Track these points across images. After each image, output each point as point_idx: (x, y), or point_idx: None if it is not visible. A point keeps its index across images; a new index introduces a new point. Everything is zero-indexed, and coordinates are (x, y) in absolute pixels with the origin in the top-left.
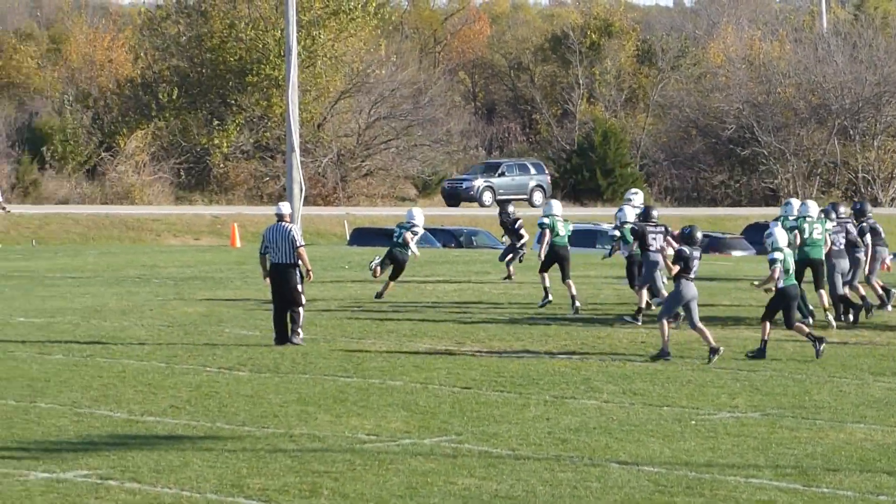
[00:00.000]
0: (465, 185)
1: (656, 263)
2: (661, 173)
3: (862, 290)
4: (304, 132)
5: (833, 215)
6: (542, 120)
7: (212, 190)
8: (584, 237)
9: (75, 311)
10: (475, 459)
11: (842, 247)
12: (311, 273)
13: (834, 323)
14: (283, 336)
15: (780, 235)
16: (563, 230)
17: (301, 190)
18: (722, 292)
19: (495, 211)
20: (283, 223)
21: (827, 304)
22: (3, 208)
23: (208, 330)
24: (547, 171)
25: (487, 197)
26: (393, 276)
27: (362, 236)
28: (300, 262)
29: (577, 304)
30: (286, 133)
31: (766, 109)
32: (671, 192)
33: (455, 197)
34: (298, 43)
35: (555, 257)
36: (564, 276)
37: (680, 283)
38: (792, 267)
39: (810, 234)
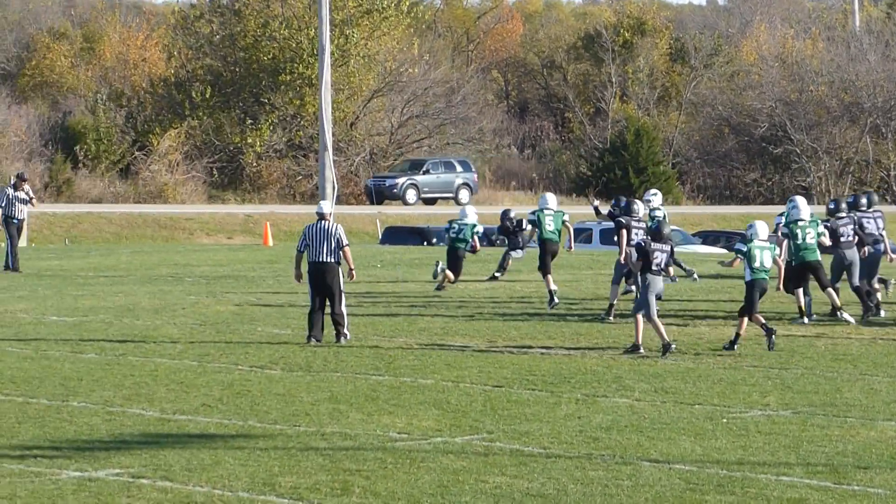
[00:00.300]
0: (388, 182)
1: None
2: (694, 171)
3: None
4: (336, 131)
5: (843, 206)
6: (575, 118)
7: (244, 189)
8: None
9: (108, 310)
10: (506, 458)
11: (850, 238)
12: (353, 273)
13: (851, 320)
14: (316, 334)
15: (761, 229)
16: (553, 224)
17: (334, 189)
18: None
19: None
20: (326, 221)
21: (839, 303)
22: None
23: (240, 328)
24: (474, 169)
25: (411, 195)
26: (453, 271)
27: (394, 235)
28: (342, 261)
29: (556, 299)
30: (319, 132)
31: (798, 108)
32: (703, 190)
33: (379, 195)
34: (331, 42)
35: (543, 252)
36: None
37: (646, 277)
38: (766, 262)
39: (803, 238)
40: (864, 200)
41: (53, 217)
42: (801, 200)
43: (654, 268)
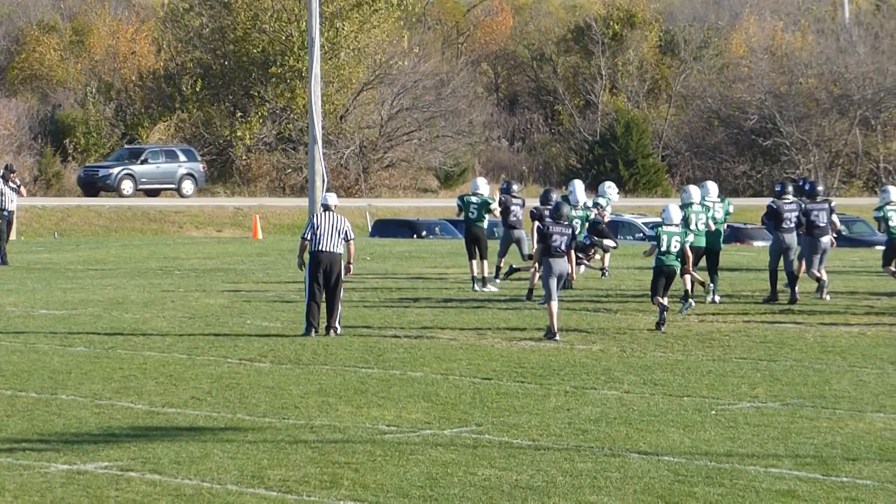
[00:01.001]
0: (101, 172)
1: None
2: (683, 164)
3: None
4: (326, 124)
5: (790, 189)
6: (565, 111)
7: (234, 182)
8: (608, 228)
9: (97, 303)
10: (495, 450)
11: (792, 224)
12: (352, 267)
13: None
14: (317, 325)
15: (674, 213)
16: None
17: (323, 182)
18: (743, 282)
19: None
20: (334, 213)
21: (688, 287)
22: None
23: (230, 321)
24: (200, 159)
25: (127, 186)
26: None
27: (384, 228)
28: (344, 253)
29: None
30: (309, 125)
31: (788, 100)
32: (693, 182)
33: (91, 185)
34: (321, 35)
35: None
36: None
37: (547, 261)
38: (673, 247)
39: (696, 223)
40: (820, 189)
41: (43, 210)
42: (692, 188)
43: (552, 251)
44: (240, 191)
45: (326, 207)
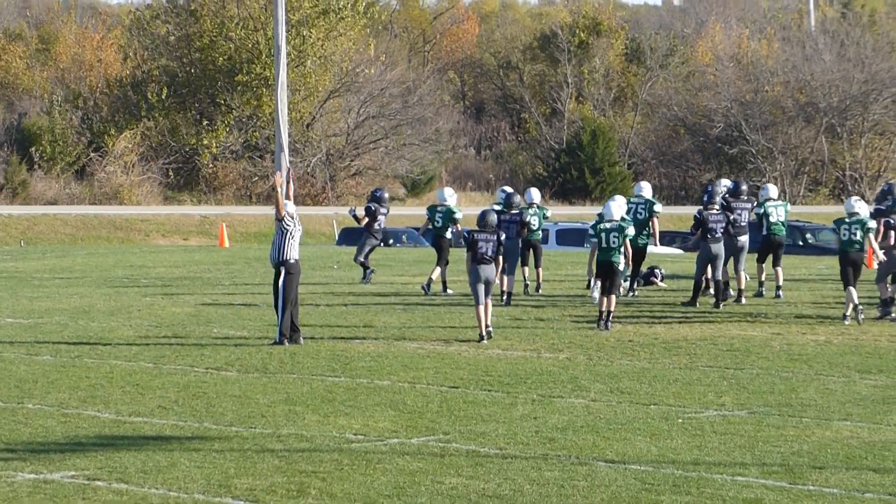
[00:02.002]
0: None
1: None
2: (650, 172)
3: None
4: (293, 132)
5: (717, 199)
6: (531, 119)
7: (200, 190)
8: (572, 236)
9: (63, 312)
10: (463, 458)
11: (719, 234)
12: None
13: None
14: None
15: (614, 209)
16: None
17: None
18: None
19: None
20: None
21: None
22: None
23: (196, 330)
24: None
25: None
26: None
27: (351, 236)
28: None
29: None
30: (275, 133)
31: (753, 108)
32: (659, 190)
33: None
34: (288, 42)
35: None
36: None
37: (474, 267)
38: (612, 242)
39: (776, 217)
40: (743, 188)
41: (9, 219)
42: (771, 186)
43: (479, 257)
44: (206, 199)
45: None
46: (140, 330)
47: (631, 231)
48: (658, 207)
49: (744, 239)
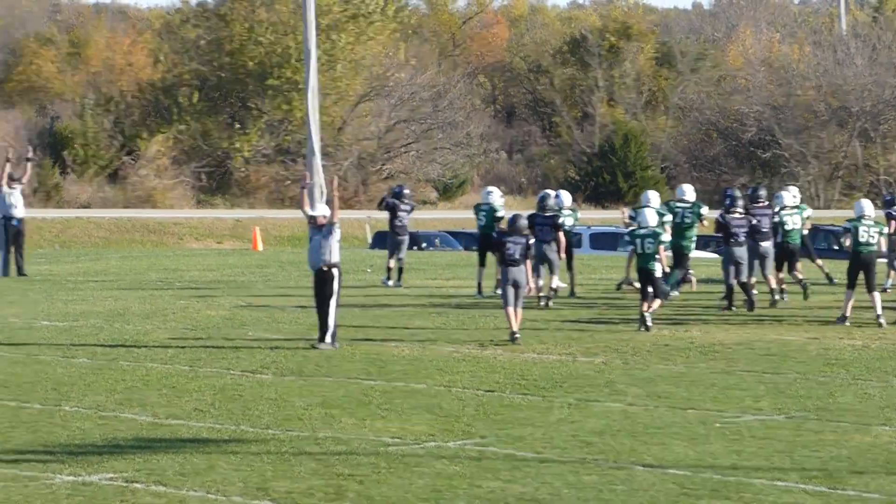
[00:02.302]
0: None
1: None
2: (682, 176)
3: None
4: (324, 136)
5: (739, 203)
6: (563, 123)
7: (233, 193)
8: (606, 240)
9: (99, 315)
10: (500, 462)
11: (742, 238)
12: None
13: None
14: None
15: (650, 217)
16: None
17: (322, 193)
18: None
19: None
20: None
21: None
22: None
23: (231, 333)
24: None
25: None
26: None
27: (384, 239)
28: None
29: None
30: (307, 136)
31: (786, 112)
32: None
33: None
34: (318, 47)
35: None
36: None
37: (503, 269)
38: (646, 248)
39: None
40: (761, 193)
41: (43, 222)
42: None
43: (507, 259)
44: (239, 202)
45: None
46: (175, 333)
47: (666, 237)
48: (705, 210)
49: (766, 245)
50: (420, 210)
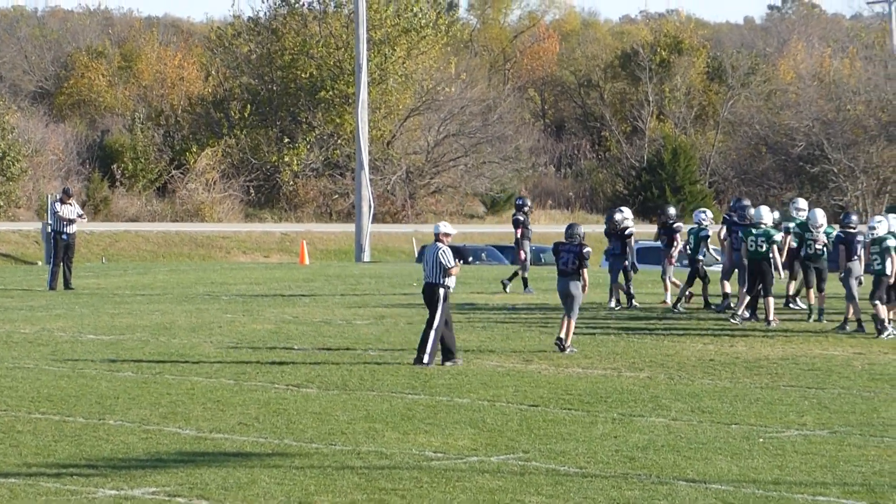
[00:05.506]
0: None
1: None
2: (731, 190)
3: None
4: (373, 150)
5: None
6: (612, 137)
7: (281, 207)
8: (654, 254)
9: (144, 329)
10: (542, 477)
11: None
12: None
13: None
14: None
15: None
16: None
17: (370, 207)
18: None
19: None
20: (437, 243)
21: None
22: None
23: (277, 347)
24: None
25: None
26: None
27: None
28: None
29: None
30: (356, 150)
31: (835, 127)
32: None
33: None
34: (370, 61)
35: None
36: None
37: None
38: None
39: None
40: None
41: (91, 235)
42: None
43: (559, 268)
44: (286, 216)
45: (436, 237)
46: (221, 347)
47: (778, 237)
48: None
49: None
50: (468, 224)
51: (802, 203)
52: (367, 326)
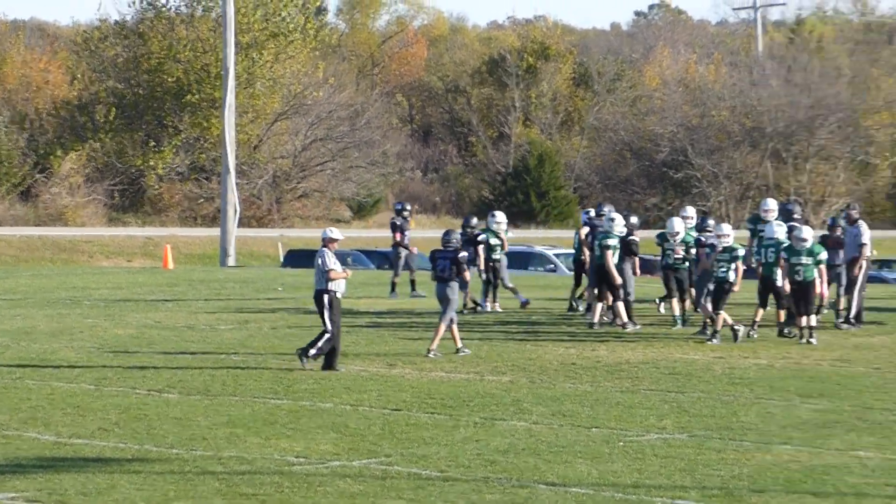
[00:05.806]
0: None
1: None
2: (595, 196)
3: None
4: (240, 154)
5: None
6: (478, 142)
7: (145, 211)
8: (519, 259)
9: (5, 333)
10: (404, 481)
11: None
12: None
13: None
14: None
15: (776, 227)
16: None
17: (235, 212)
18: (652, 313)
19: None
20: (323, 248)
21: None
22: None
23: (138, 352)
24: None
25: None
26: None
27: (296, 258)
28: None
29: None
30: (222, 154)
31: (700, 132)
32: None
33: None
34: (237, 65)
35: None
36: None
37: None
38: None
39: None
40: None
41: None
42: None
43: (436, 275)
44: (151, 220)
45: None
46: (82, 352)
47: (613, 241)
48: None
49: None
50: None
51: (690, 211)
52: (231, 331)
